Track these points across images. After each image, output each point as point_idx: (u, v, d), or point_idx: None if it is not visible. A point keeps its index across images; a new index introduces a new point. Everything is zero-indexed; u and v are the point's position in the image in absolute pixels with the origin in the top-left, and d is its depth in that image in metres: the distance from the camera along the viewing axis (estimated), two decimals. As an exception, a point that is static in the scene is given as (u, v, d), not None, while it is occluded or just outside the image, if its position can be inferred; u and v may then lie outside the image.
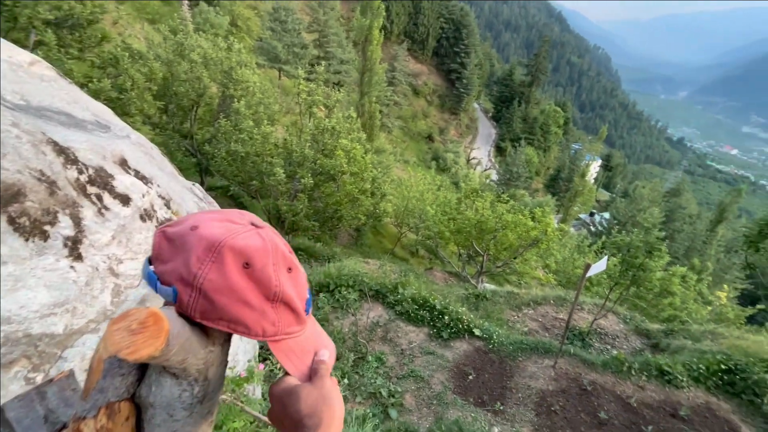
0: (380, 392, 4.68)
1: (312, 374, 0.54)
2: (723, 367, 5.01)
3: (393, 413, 4.44)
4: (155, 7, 21.26)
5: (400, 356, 5.41)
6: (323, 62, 9.84)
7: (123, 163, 2.38)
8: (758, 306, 15.52)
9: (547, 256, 12.20)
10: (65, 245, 1.60)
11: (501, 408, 4.55)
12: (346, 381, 4.72)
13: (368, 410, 4.27)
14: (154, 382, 0.54)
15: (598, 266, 4.42)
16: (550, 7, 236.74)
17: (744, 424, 4.45)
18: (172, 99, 9.67)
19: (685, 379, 4.93)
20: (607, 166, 67.92)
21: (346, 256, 12.01)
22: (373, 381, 4.82)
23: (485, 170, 45.35)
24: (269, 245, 0.52)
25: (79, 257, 1.63)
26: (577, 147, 60.63)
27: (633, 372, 5.03)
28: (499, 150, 52.37)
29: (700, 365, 5.06)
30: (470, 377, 5.00)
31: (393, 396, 4.67)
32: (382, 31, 19.14)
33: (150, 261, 0.52)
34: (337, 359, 5.15)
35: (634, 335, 6.80)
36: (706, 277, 14.45)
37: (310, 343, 0.57)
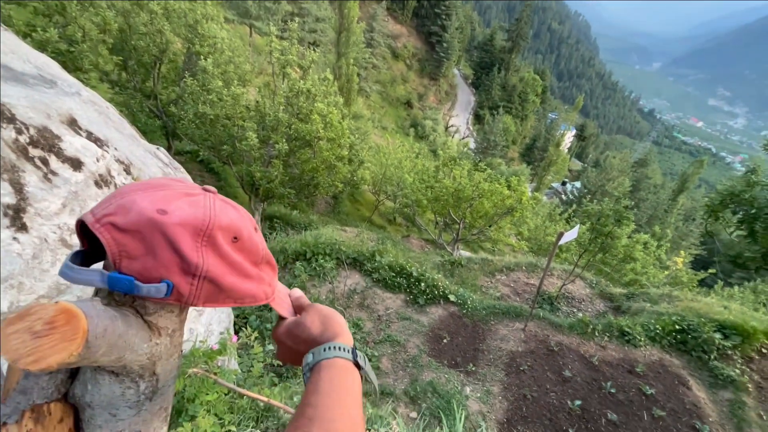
0: (357, 357, 4.77)
1: (301, 308, 0.62)
2: (677, 327, 5.39)
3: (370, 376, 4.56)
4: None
5: (377, 322, 5.50)
6: (297, 19, 9.16)
7: (72, 123, 2.14)
8: (710, 270, 16.70)
9: (520, 223, 12.53)
10: (5, 214, 1.44)
11: (473, 369, 4.75)
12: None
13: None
14: (89, 380, 0.46)
15: (570, 234, 4.54)
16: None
17: (692, 377, 4.86)
18: (131, 54, 8.89)
19: (642, 338, 5.28)
20: (580, 136, 69.26)
21: (323, 224, 11.90)
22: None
23: (463, 138, 45.27)
24: (241, 211, 0.51)
25: (23, 227, 1.47)
26: (553, 116, 61.20)
27: (596, 333, 5.34)
28: (478, 118, 52.16)
29: (657, 326, 5.43)
30: (445, 341, 5.17)
31: (370, 360, 4.78)
32: (360, -13, 18.04)
33: (77, 261, 0.44)
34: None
35: (598, 299, 7.18)
36: (665, 244, 15.29)
37: (280, 286, 0.64)
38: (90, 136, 2.22)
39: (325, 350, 0.54)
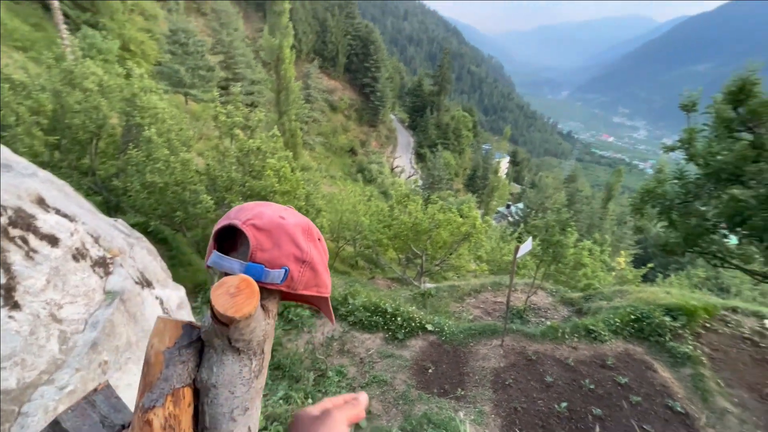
0: (346, 404, 4.64)
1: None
2: (632, 317, 5.89)
3: (362, 422, 4.44)
4: (25, 33, 18.72)
5: (360, 365, 5.42)
6: (239, 84, 9.51)
7: (41, 202, 2.15)
8: (648, 265, 18.38)
9: (477, 248, 13.13)
10: (-3, 295, 1.42)
11: (462, 393, 4.81)
12: (309, 401, 4.60)
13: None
14: (215, 363, 0.58)
15: (525, 246, 4.95)
16: (445, 21, 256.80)
17: (655, 361, 5.28)
18: (65, 133, 8.61)
19: (606, 333, 5.69)
20: (514, 162, 75.06)
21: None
22: (337, 395, 4.77)
23: (410, 177, 47.18)
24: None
25: (16, 305, 1.44)
26: (487, 147, 66.22)
27: (566, 336, 5.68)
28: (420, 156, 54.92)
29: (616, 319, 5.90)
30: (430, 371, 5.20)
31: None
32: (293, 50, 19.13)
33: (221, 253, 0.57)
34: (297, 380, 5.01)
35: (561, 305, 7.65)
36: (606, 248, 16.65)
37: None
38: (59, 213, 2.23)
39: None
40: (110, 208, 9.81)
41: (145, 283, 2.83)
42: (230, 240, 0.59)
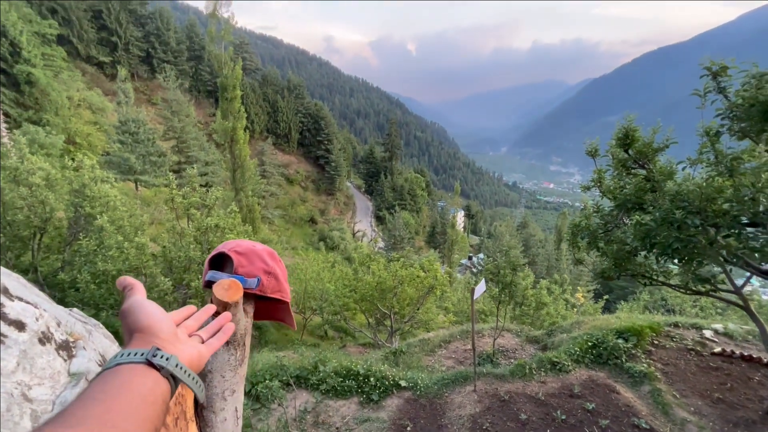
0: (325, 480, 4.40)
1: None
2: (589, 344, 6.26)
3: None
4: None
5: (336, 435, 5.20)
6: (195, 166, 9.79)
7: (5, 291, 2.21)
8: (605, 297, 19.38)
9: (444, 300, 13.35)
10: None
11: (443, 446, 4.74)
12: (286, 483, 4.32)
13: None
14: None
15: (480, 288, 5.31)
16: (388, 95, 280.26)
17: (617, 383, 5.57)
18: (6, 231, 8.25)
19: (569, 363, 5.97)
20: (469, 215, 78.78)
21: (250, 358, 11.01)
22: None
23: (371, 240, 47.73)
24: None
25: (-9, 385, 1.49)
26: (442, 204, 69.48)
27: (534, 372, 5.88)
28: (379, 219, 56.29)
29: (576, 348, 6.23)
30: (408, 428, 5.10)
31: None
32: (247, 131, 20.01)
33: (215, 269, 0.84)
34: (271, 463, 4.70)
35: (527, 344, 7.90)
36: (567, 287, 17.51)
37: None
38: (22, 300, 2.29)
39: (108, 363, 0.49)
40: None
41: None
42: (219, 264, 0.86)
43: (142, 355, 0.49)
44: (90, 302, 7.52)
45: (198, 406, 0.82)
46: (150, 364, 0.48)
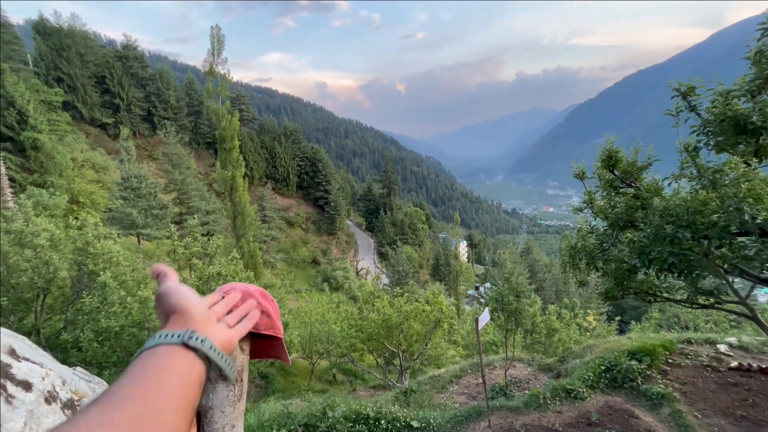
0: None
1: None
2: (602, 367, 6.11)
3: None
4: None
5: (349, 486, 4.96)
6: (193, 216, 9.95)
7: (12, 353, 2.27)
8: (617, 318, 18.97)
9: (452, 333, 13.07)
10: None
11: (461, 490, 4.52)
12: None
13: None
14: (210, 390, 0.89)
15: (484, 317, 5.28)
16: (382, 134, 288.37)
17: (635, 407, 5.38)
18: (9, 294, 8.28)
19: (584, 389, 5.80)
20: (472, 245, 78.50)
21: (254, 409, 10.62)
22: None
23: (375, 277, 47.27)
24: None
25: (0, 446, 1.51)
26: (443, 236, 69.43)
27: (548, 401, 5.69)
28: (382, 255, 56.08)
29: (589, 373, 6.07)
30: (424, 473, 4.88)
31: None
32: (246, 178, 20.49)
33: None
34: None
35: (540, 373, 7.68)
36: (578, 311, 17.22)
37: None
38: (29, 360, 2.34)
39: (146, 344, 0.50)
40: (55, 367, 8.96)
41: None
42: None
43: (179, 336, 0.51)
44: (92, 362, 7.41)
45: (200, 441, 0.87)
46: (186, 345, 0.51)
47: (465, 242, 72.20)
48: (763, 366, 5.79)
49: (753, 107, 4.01)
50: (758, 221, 3.67)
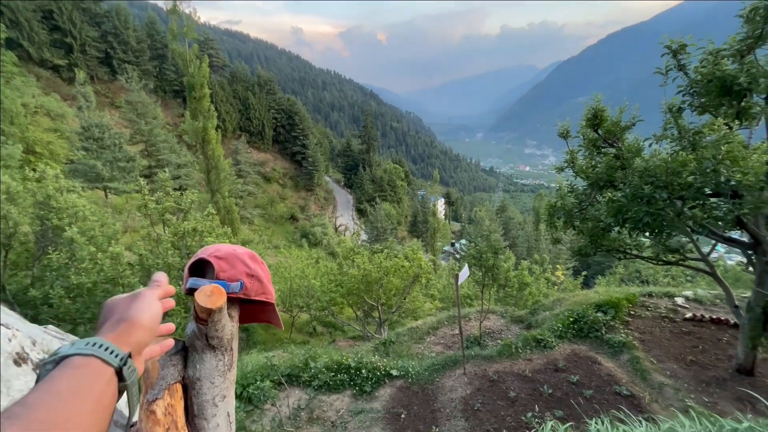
0: (324, 474, 4.44)
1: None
2: (571, 319, 6.50)
3: None
4: None
5: (332, 430, 5.24)
6: (166, 169, 9.33)
7: (-28, 314, 2.10)
8: (583, 273, 20.10)
9: (429, 287, 13.52)
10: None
11: (437, 430, 4.85)
12: (284, 480, 4.34)
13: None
14: (197, 361, 0.81)
15: (464, 273, 5.41)
16: (362, 87, 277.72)
17: (598, 354, 5.81)
18: (-34, 251, 7.81)
19: (553, 339, 6.18)
20: (449, 202, 79.56)
21: (237, 361, 10.89)
22: None
23: (354, 233, 47.64)
24: None
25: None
26: (422, 193, 69.83)
27: (520, 350, 6.06)
28: (361, 212, 56.18)
29: (558, 324, 6.45)
30: (402, 416, 5.19)
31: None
32: (218, 130, 19.48)
33: (195, 275, 0.82)
34: (268, 462, 4.70)
35: (512, 325, 8.12)
36: (548, 266, 18.03)
37: None
38: (-7, 322, 2.19)
39: (86, 344, 0.48)
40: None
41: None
42: (199, 270, 0.85)
43: (115, 355, 0.49)
44: (66, 318, 7.24)
45: (189, 415, 0.81)
46: (108, 363, 0.48)
47: (443, 200, 73.05)
48: (714, 317, 6.30)
49: (741, 67, 3.98)
50: (732, 183, 3.78)
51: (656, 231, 4.64)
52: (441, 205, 66.41)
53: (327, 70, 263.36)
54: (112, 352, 0.49)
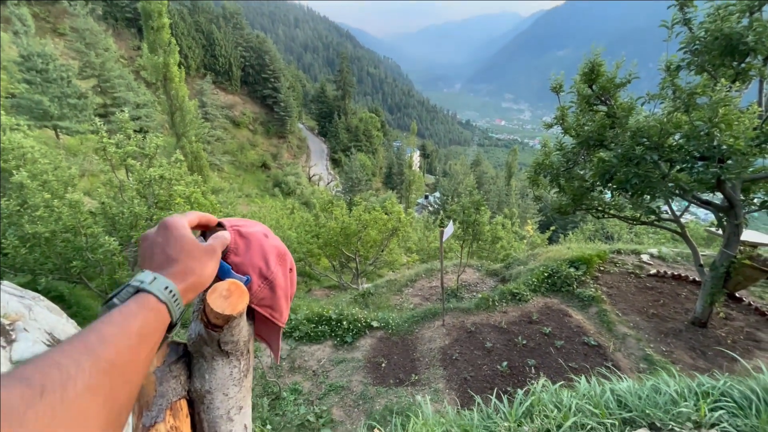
0: (307, 420, 4.58)
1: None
2: (545, 274, 6.74)
3: (325, 429, 4.42)
4: None
5: (313, 378, 5.36)
6: (124, 109, 8.36)
7: None
8: (551, 228, 20.91)
9: (406, 240, 13.66)
10: None
11: (416, 378, 5.05)
12: (269, 427, 4.44)
13: (302, 442, 4.15)
14: (206, 371, 0.63)
15: (448, 230, 5.37)
16: (337, 26, 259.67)
17: (569, 307, 6.12)
18: None
19: (528, 293, 6.43)
20: (424, 154, 79.16)
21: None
22: (296, 413, 4.68)
23: (329, 183, 46.94)
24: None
25: None
26: (397, 144, 68.78)
27: (496, 303, 6.28)
28: (335, 162, 54.95)
29: (533, 279, 6.69)
30: (383, 365, 5.36)
31: (321, 417, 4.64)
32: (181, 67, 17.76)
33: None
34: (252, 410, 4.78)
35: (488, 278, 8.39)
36: (516, 220, 18.52)
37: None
38: (-69, 285, 1.89)
39: (165, 288, 0.46)
40: (-22, 273, 8.17)
41: (57, 344, 2.51)
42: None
43: (178, 307, 0.47)
44: (24, 268, 6.76)
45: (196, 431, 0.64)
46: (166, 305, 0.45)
47: (418, 152, 72.47)
48: (675, 273, 6.71)
49: (750, 25, 3.82)
50: (723, 148, 3.78)
51: (639, 192, 4.69)
52: (416, 158, 66.00)
53: (300, 5, 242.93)
54: (177, 305, 0.47)
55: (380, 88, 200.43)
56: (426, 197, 55.89)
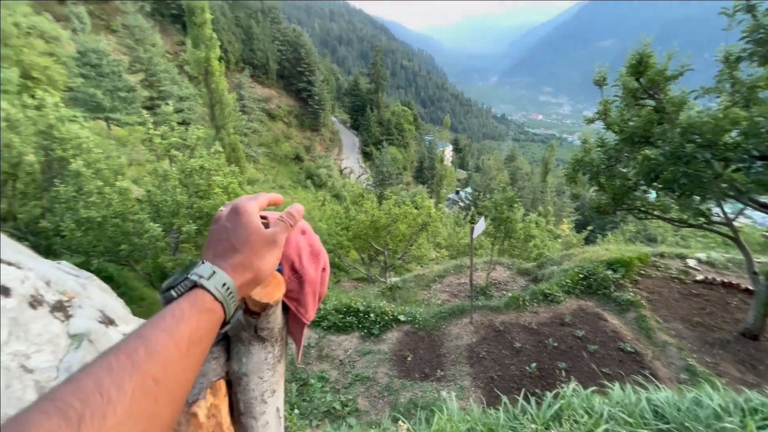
0: (333, 408, 4.70)
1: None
2: (581, 276, 6.49)
3: (352, 421, 4.51)
4: None
5: (340, 367, 5.47)
6: (168, 102, 8.89)
7: (-19, 254, 2.00)
8: (588, 228, 20.06)
9: (435, 235, 13.58)
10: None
11: (442, 374, 5.04)
12: (296, 411, 4.60)
13: (328, 429, 4.26)
14: (243, 354, 0.67)
15: (479, 227, 5.28)
16: (372, 19, 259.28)
17: (605, 311, 5.88)
18: (-27, 178, 7.71)
19: (560, 294, 6.23)
20: (457, 149, 77.91)
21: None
22: (322, 400, 4.81)
23: (359, 176, 47.30)
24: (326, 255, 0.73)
25: (-16, 361, 1.36)
26: (429, 138, 68.15)
27: (527, 303, 6.13)
28: (366, 155, 55.23)
29: (567, 280, 6.46)
30: (409, 359, 5.39)
31: (346, 405, 4.74)
32: (221, 61, 18.41)
33: None
34: (281, 394, 4.96)
35: (518, 277, 8.20)
36: (551, 218, 17.91)
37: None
38: (2, 261, 2.09)
39: (223, 286, 0.45)
40: (41, 253, 8.93)
41: (108, 321, 2.71)
42: None
43: (233, 306, 0.46)
44: (79, 250, 7.33)
45: (234, 413, 0.68)
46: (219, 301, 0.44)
47: (450, 146, 71.40)
48: (725, 280, 6.26)
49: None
50: (787, 146, 3.47)
51: (688, 193, 4.41)
52: (448, 152, 65.06)
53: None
54: (233, 302, 0.46)
55: (414, 81, 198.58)
56: (457, 192, 55.12)
